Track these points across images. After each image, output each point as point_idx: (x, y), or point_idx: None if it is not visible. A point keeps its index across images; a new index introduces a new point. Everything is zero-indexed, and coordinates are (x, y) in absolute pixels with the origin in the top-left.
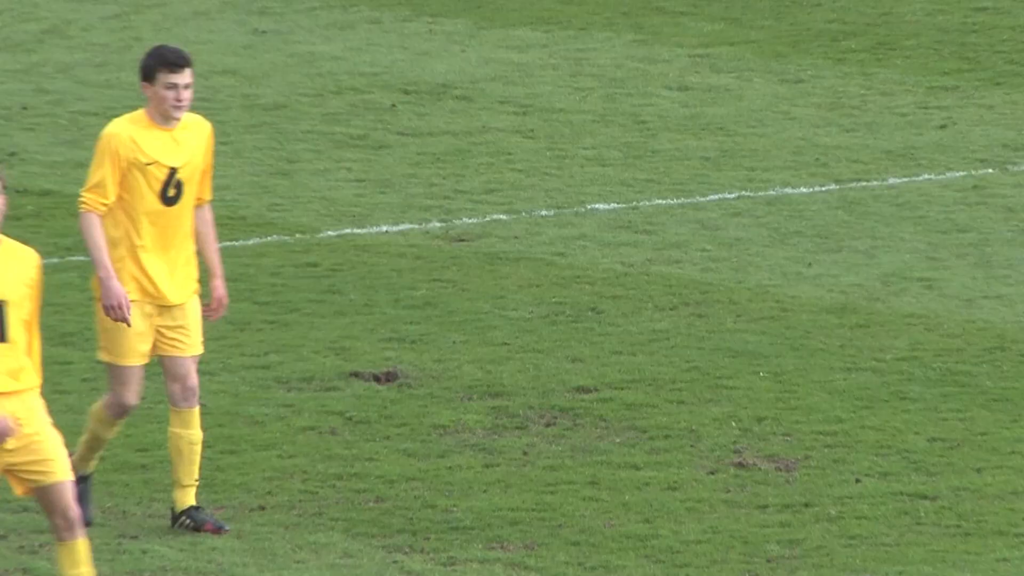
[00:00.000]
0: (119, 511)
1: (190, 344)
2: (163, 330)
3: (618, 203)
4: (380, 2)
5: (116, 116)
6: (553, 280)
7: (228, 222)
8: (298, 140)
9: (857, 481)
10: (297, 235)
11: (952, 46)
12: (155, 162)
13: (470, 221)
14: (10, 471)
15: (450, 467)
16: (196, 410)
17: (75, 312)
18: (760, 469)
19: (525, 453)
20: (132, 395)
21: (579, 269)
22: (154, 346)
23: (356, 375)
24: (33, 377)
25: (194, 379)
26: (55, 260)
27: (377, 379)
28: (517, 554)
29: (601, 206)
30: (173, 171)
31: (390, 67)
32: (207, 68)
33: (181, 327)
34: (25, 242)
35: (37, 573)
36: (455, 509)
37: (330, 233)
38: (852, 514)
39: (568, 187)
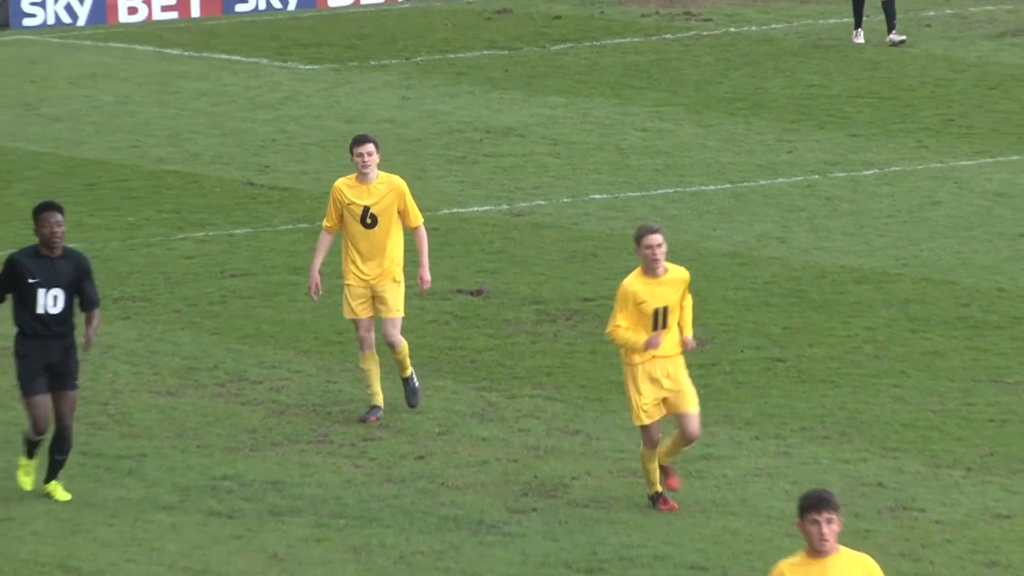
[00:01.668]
0: (326, 368)
1: (389, 310)
2: (375, 300)
3: (607, 195)
4: (474, 81)
5: (324, 147)
6: (570, 239)
7: None
8: (427, 159)
9: (741, 351)
10: (427, 213)
11: (796, 106)
12: (352, 202)
13: (523, 205)
14: (664, 400)
15: (512, 343)
16: (397, 348)
17: (301, 257)
18: None
19: (555, 336)
20: (363, 344)
21: (585, 232)
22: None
23: (459, 291)
24: (677, 347)
25: (390, 335)
26: (289, 226)
27: (471, 293)
28: (550, 392)
29: (597, 196)
30: (367, 208)
31: (479, 117)
32: (376, 118)
33: (384, 299)
34: (272, 216)
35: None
36: (515, 367)
37: (444, 211)
38: (739, 370)
39: (579, 186)
